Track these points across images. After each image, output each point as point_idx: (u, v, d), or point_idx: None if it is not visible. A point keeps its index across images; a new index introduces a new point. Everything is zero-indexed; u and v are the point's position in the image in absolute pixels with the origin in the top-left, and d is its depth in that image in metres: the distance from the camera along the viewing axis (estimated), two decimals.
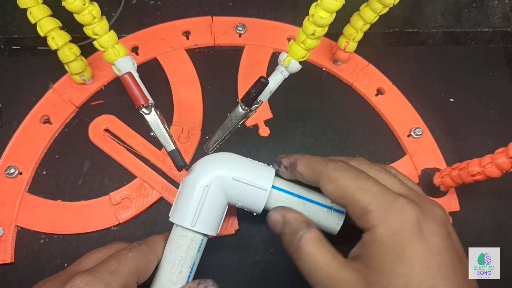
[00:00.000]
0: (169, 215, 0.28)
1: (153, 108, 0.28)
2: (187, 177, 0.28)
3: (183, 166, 0.28)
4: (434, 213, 0.24)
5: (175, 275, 0.26)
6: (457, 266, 0.23)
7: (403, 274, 0.22)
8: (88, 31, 0.30)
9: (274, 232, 0.28)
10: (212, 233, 0.28)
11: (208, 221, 0.27)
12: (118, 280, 0.23)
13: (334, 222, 0.28)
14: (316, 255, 0.24)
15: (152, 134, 0.28)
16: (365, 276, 0.23)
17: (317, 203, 0.28)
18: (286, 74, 0.31)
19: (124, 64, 0.31)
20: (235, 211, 0.33)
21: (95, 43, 0.30)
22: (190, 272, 0.27)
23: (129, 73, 0.27)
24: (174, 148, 0.28)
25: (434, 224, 0.23)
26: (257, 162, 0.29)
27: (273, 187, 0.28)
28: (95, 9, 0.29)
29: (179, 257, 0.27)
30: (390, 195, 0.23)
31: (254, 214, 0.29)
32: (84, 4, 0.28)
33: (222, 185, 0.27)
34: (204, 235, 0.28)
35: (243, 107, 0.29)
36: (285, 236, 0.27)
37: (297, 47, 0.30)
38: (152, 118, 0.28)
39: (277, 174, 0.29)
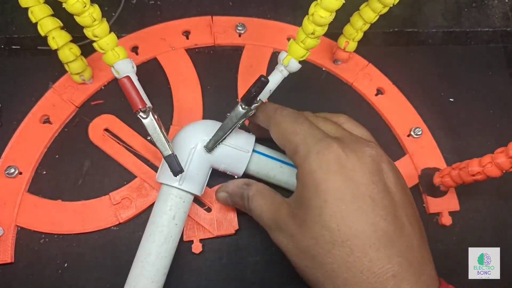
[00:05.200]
0: (156, 177, 0.31)
1: (150, 113, 0.28)
2: (173, 141, 0.31)
3: (179, 171, 0.28)
4: (362, 152, 0.24)
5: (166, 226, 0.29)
6: (379, 199, 0.23)
7: (316, 207, 0.24)
8: (88, 33, 0.30)
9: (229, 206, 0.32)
10: (197, 192, 0.30)
11: (194, 181, 0.30)
12: None
13: None
14: (260, 205, 0.28)
15: (149, 138, 0.28)
16: (292, 210, 0.26)
17: (293, 166, 0.29)
18: (286, 73, 0.31)
19: (123, 67, 0.31)
20: (235, 210, 0.33)
21: (95, 45, 0.30)
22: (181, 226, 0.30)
23: (127, 77, 0.27)
24: (170, 153, 0.28)
25: (357, 161, 0.24)
26: (238, 129, 0.31)
27: (254, 150, 0.31)
28: (95, 11, 0.29)
29: (170, 210, 0.29)
30: (317, 137, 0.25)
31: (236, 177, 0.32)
32: (85, 6, 0.28)
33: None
34: (190, 193, 0.30)
35: (243, 106, 0.29)
36: (237, 204, 0.30)
37: (296, 47, 0.30)
38: (150, 122, 0.28)
39: (257, 140, 0.32)
